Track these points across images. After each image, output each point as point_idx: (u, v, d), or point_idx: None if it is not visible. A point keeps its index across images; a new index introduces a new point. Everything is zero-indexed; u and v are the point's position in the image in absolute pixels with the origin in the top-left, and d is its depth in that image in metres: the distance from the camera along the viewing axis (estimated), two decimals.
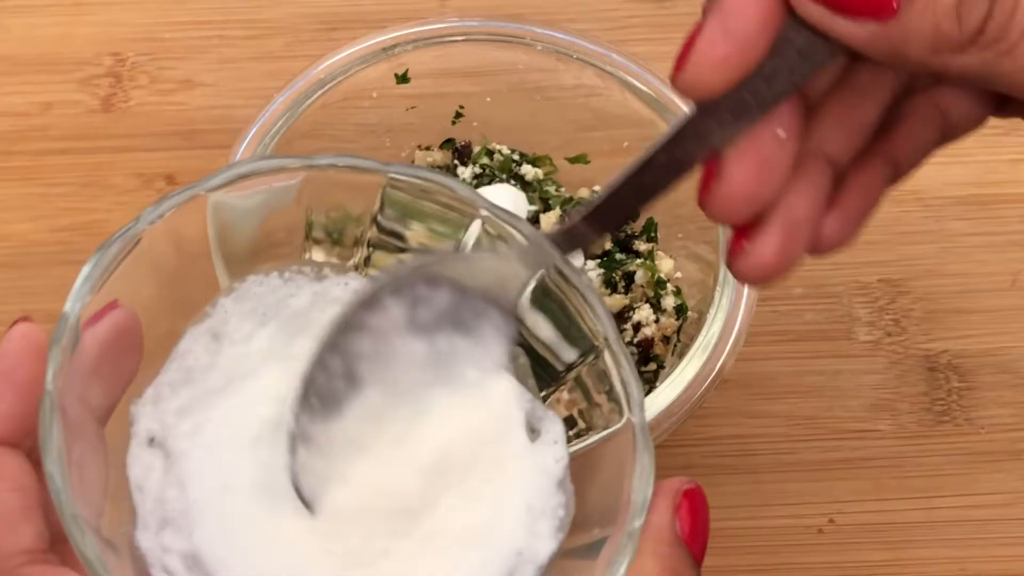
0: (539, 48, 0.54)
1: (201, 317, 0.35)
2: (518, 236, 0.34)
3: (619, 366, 0.33)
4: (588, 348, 0.34)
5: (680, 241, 0.55)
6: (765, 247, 0.30)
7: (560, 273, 0.34)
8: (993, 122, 0.65)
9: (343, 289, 0.36)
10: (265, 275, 0.36)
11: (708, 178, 0.30)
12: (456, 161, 0.58)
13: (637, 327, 0.53)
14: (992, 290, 0.59)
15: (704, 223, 0.52)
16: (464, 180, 0.57)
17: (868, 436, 0.55)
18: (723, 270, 0.50)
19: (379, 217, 0.36)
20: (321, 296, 0.36)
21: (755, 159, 0.29)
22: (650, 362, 0.53)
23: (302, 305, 0.35)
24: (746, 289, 0.49)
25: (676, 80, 0.29)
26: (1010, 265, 0.59)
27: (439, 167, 0.58)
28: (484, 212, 0.35)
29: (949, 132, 0.33)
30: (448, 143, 0.58)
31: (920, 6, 0.27)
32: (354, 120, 0.56)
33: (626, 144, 0.56)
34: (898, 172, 0.32)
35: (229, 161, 0.52)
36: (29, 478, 0.31)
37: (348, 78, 0.54)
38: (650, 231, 0.56)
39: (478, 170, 0.57)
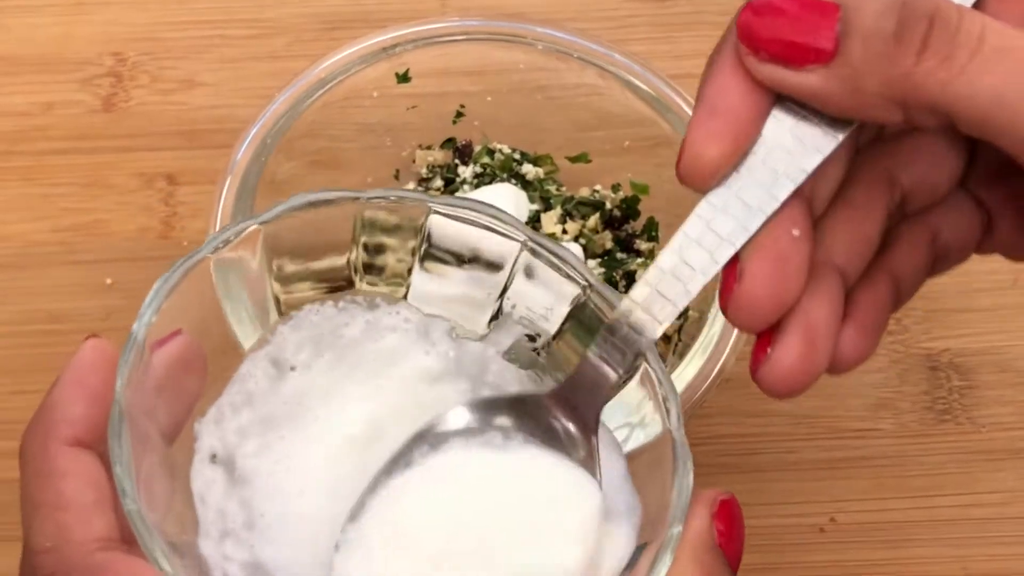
0: (540, 47, 0.55)
1: (260, 343, 0.37)
2: (575, 275, 0.36)
3: (659, 380, 0.34)
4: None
5: None
6: (788, 352, 0.30)
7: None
8: None
9: (395, 319, 0.38)
10: (321, 304, 0.37)
11: (729, 281, 0.31)
12: (457, 160, 0.58)
13: None
14: (993, 289, 0.59)
15: None
16: (465, 179, 0.57)
17: (869, 435, 0.55)
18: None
19: (423, 248, 0.38)
20: (374, 325, 0.37)
21: (773, 257, 0.30)
22: None
23: (356, 334, 0.37)
24: None
25: (678, 173, 0.30)
26: (1011, 264, 0.59)
27: (440, 166, 0.58)
28: (529, 242, 0.36)
29: (942, 255, 0.34)
30: (449, 142, 0.58)
31: (859, 38, 0.27)
32: (355, 119, 0.56)
33: (627, 143, 0.56)
34: (900, 294, 0.33)
35: (230, 161, 0.51)
36: (102, 476, 0.32)
37: (349, 77, 0.54)
38: (651, 230, 0.56)
39: (479, 169, 0.57)
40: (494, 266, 0.38)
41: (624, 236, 0.56)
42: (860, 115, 0.29)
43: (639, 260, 0.55)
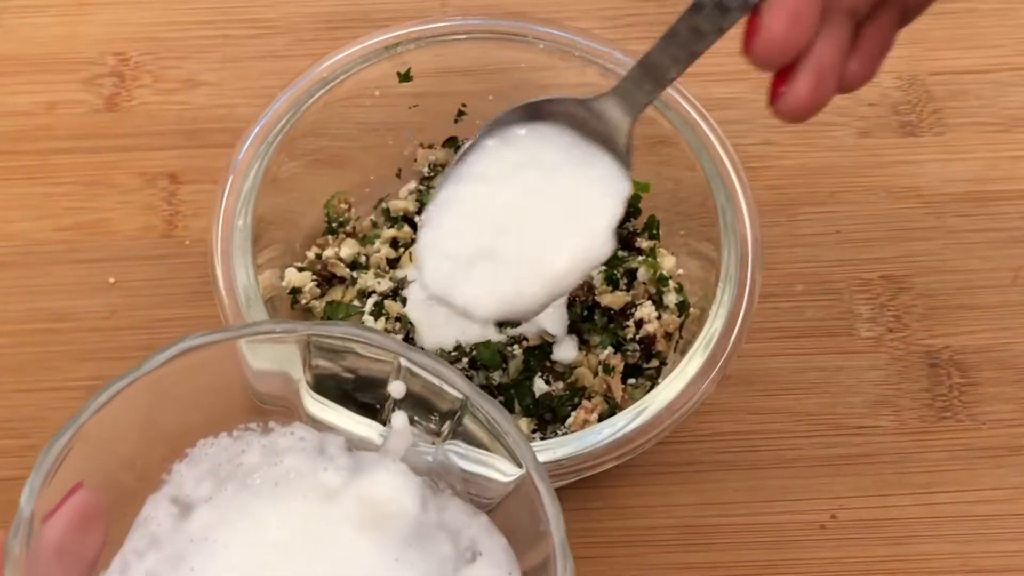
0: (541, 46, 0.55)
1: (159, 484, 0.37)
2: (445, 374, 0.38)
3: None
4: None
5: (682, 238, 0.55)
6: (800, 89, 0.37)
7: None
8: (993, 120, 0.65)
9: (291, 439, 0.39)
10: (214, 437, 0.38)
11: (750, 31, 0.37)
12: None
13: (639, 324, 0.53)
14: (993, 286, 0.59)
15: (706, 220, 0.52)
16: None
17: (870, 432, 0.55)
18: (725, 267, 0.50)
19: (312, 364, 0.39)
20: (270, 449, 0.38)
21: (787, 12, 0.36)
22: (652, 359, 0.53)
23: (254, 460, 0.38)
24: (748, 286, 0.49)
25: None
26: (1011, 261, 0.59)
27: (441, 165, 0.58)
28: (402, 358, 0.38)
29: None
30: (450, 141, 0.58)
31: None
32: (357, 118, 0.56)
33: None
34: (907, 16, 0.39)
35: (232, 160, 0.52)
36: None
37: (350, 77, 0.54)
38: (652, 228, 0.56)
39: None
40: (376, 383, 0.39)
41: (625, 234, 0.56)
42: None
43: (640, 258, 0.55)
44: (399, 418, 0.39)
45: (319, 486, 0.37)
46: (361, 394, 0.39)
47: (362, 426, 0.40)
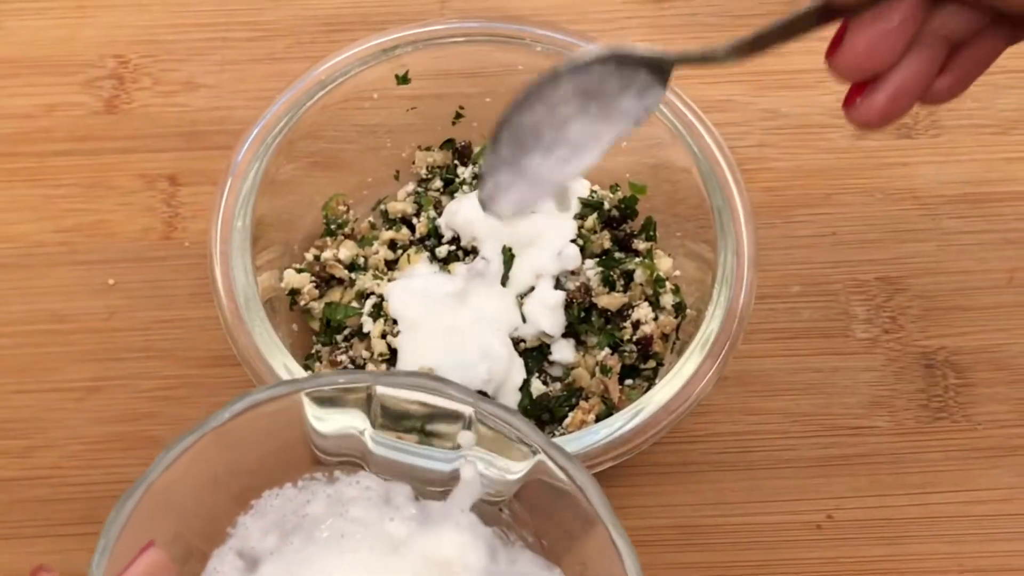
0: (539, 49, 0.55)
1: (224, 537, 0.37)
2: None
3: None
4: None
5: (679, 240, 0.56)
6: (875, 103, 0.37)
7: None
8: (989, 122, 0.65)
9: (356, 489, 0.38)
10: (279, 487, 0.38)
11: (835, 41, 0.36)
12: (456, 161, 0.58)
13: (636, 325, 0.53)
14: (989, 287, 0.59)
15: (703, 222, 0.52)
16: (464, 180, 0.57)
17: (866, 433, 0.56)
18: (721, 268, 0.50)
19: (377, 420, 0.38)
20: (335, 499, 0.38)
21: (873, 31, 0.36)
22: (649, 359, 0.53)
23: (319, 511, 0.37)
24: (744, 287, 0.50)
25: None
26: (1006, 262, 0.60)
27: (439, 167, 0.58)
28: (477, 409, 0.37)
29: None
30: (448, 143, 0.59)
31: None
32: (355, 121, 0.56)
33: (625, 144, 0.56)
34: (1018, 34, 0.38)
35: (231, 162, 0.52)
36: None
37: (349, 79, 0.54)
38: (649, 230, 0.56)
39: (478, 170, 0.57)
40: (446, 436, 0.38)
41: (622, 236, 0.56)
42: None
43: (637, 259, 0.55)
44: (468, 470, 0.38)
45: (385, 537, 0.37)
46: (428, 429, 0.39)
47: (431, 461, 0.39)
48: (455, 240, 0.55)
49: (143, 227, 0.60)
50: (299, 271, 0.55)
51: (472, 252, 0.55)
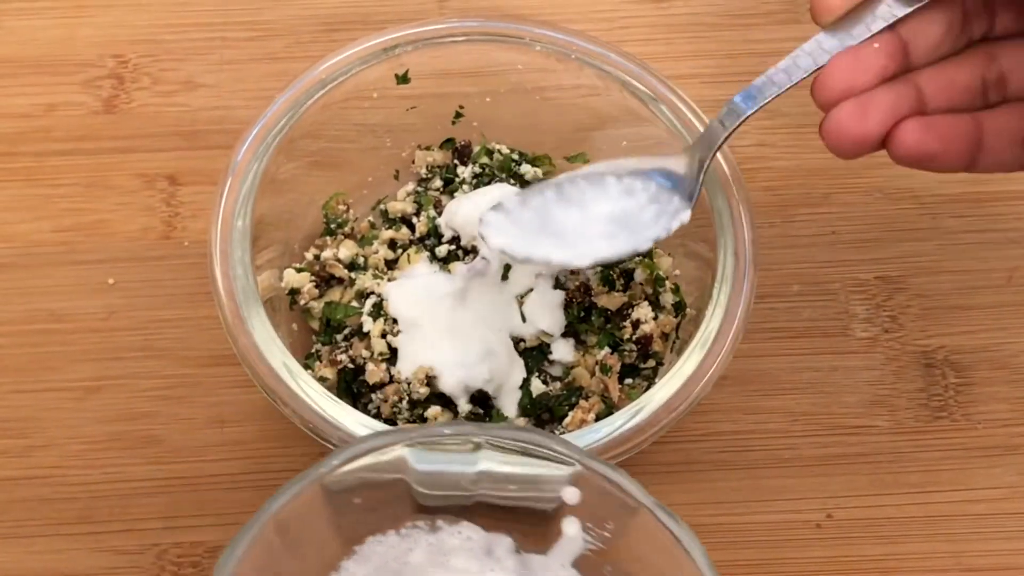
0: (538, 48, 0.55)
1: None
2: None
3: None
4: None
5: (679, 239, 0.55)
6: (841, 110, 0.41)
7: None
8: None
9: (458, 539, 0.38)
10: (383, 534, 0.38)
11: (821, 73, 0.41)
12: (456, 161, 0.58)
13: (636, 324, 0.53)
14: (988, 287, 0.59)
15: (703, 221, 0.52)
16: (464, 180, 0.57)
17: (865, 432, 0.56)
18: (721, 267, 0.50)
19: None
20: (436, 548, 0.38)
21: (851, 57, 0.41)
22: (649, 359, 0.53)
23: (421, 559, 0.37)
24: (744, 286, 0.50)
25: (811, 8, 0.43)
26: (1006, 262, 0.60)
27: (439, 167, 0.58)
28: (579, 465, 0.37)
29: None
30: (448, 143, 0.59)
31: None
32: (355, 120, 0.56)
33: (624, 143, 0.56)
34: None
35: (230, 162, 0.52)
36: None
37: (349, 79, 0.54)
38: None
39: (478, 169, 0.57)
40: (546, 484, 0.38)
41: None
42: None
43: (637, 258, 0.55)
44: (571, 526, 0.38)
45: None
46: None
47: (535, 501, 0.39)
48: (455, 240, 0.55)
49: (142, 226, 0.60)
50: (299, 270, 0.55)
51: (472, 252, 0.55)
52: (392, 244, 0.56)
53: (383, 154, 0.58)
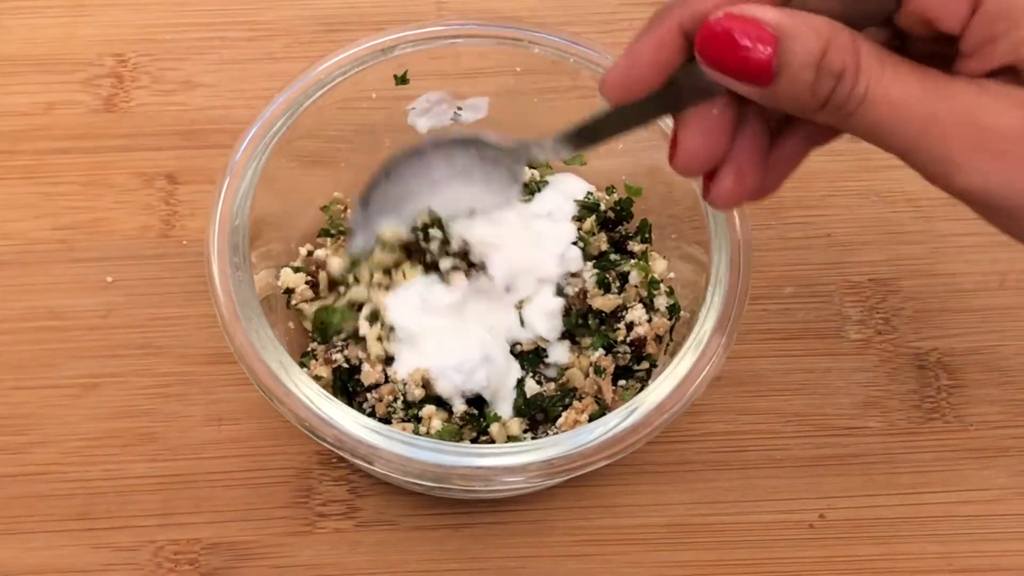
0: (536, 50, 0.55)
1: None
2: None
3: None
4: None
5: (674, 242, 0.56)
6: (723, 185, 0.40)
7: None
8: None
9: None
10: None
11: (672, 147, 0.40)
12: None
13: (630, 327, 0.53)
14: (981, 289, 0.59)
15: (697, 224, 0.52)
16: None
17: (858, 433, 0.56)
18: (715, 270, 0.50)
19: None
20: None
21: (699, 131, 0.40)
22: (643, 361, 0.54)
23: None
24: (738, 287, 0.50)
25: (600, 91, 0.41)
26: (999, 265, 0.60)
27: None
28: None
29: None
30: None
31: (787, 80, 0.36)
32: (353, 120, 0.57)
33: (621, 146, 0.57)
34: (816, 139, 0.42)
35: (228, 162, 0.52)
36: None
37: (347, 79, 0.54)
38: (644, 232, 0.57)
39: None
40: None
41: (618, 238, 0.57)
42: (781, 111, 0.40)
43: (632, 261, 0.55)
44: None
45: None
46: None
47: None
48: (463, 254, 0.54)
49: (141, 225, 0.60)
50: (296, 270, 0.55)
51: (480, 267, 0.54)
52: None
53: (381, 155, 0.58)
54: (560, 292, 0.54)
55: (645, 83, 0.40)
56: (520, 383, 0.53)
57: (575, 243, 0.55)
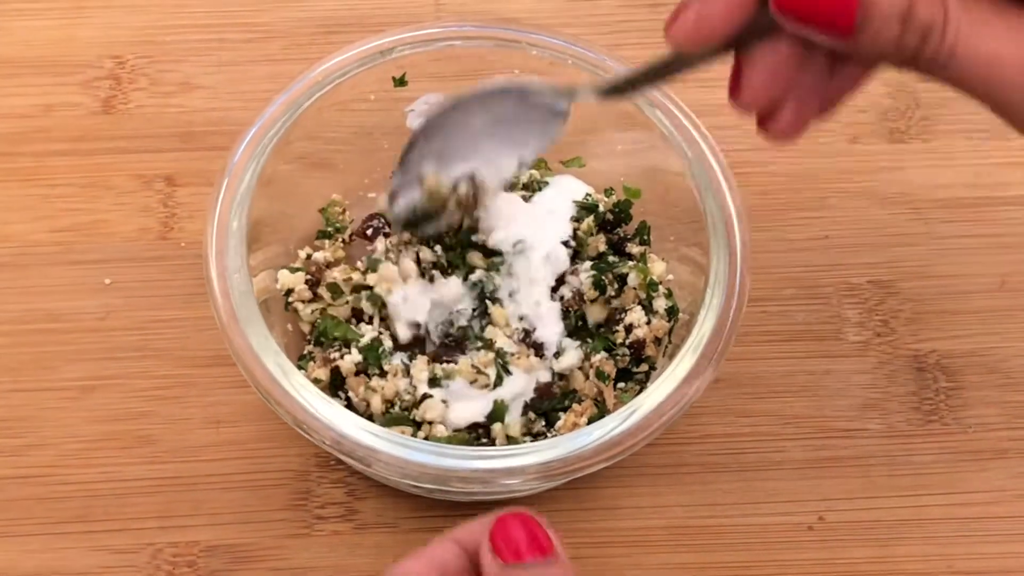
0: (534, 52, 0.55)
1: None
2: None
3: None
4: None
5: (672, 244, 0.56)
6: (785, 118, 0.40)
7: None
8: (980, 126, 0.66)
9: None
10: None
11: (733, 83, 0.39)
12: None
13: (629, 329, 0.53)
14: (980, 291, 0.59)
15: (696, 226, 0.52)
16: None
17: (857, 435, 0.56)
18: (714, 272, 0.50)
19: None
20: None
21: (764, 68, 0.38)
22: (642, 363, 0.54)
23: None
24: (737, 290, 0.50)
25: (667, 36, 0.39)
26: (998, 267, 0.60)
27: None
28: None
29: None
30: None
31: (871, 33, 0.35)
32: (352, 122, 0.57)
33: (620, 147, 0.57)
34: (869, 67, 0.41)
35: (227, 164, 0.52)
36: None
37: (346, 81, 0.54)
38: (643, 234, 0.57)
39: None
40: None
41: (616, 239, 0.57)
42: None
43: (631, 263, 0.55)
44: None
45: None
46: None
47: None
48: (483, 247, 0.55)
49: (140, 227, 0.60)
50: (293, 271, 0.55)
51: (495, 252, 0.54)
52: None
53: (380, 156, 0.58)
54: (558, 291, 0.54)
55: (719, 31, 0.38)
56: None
57: (565, 243, 0.55)
